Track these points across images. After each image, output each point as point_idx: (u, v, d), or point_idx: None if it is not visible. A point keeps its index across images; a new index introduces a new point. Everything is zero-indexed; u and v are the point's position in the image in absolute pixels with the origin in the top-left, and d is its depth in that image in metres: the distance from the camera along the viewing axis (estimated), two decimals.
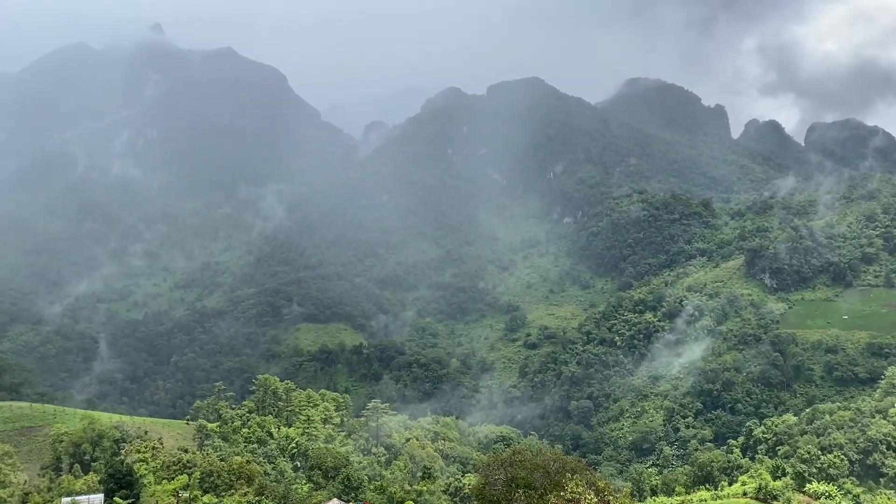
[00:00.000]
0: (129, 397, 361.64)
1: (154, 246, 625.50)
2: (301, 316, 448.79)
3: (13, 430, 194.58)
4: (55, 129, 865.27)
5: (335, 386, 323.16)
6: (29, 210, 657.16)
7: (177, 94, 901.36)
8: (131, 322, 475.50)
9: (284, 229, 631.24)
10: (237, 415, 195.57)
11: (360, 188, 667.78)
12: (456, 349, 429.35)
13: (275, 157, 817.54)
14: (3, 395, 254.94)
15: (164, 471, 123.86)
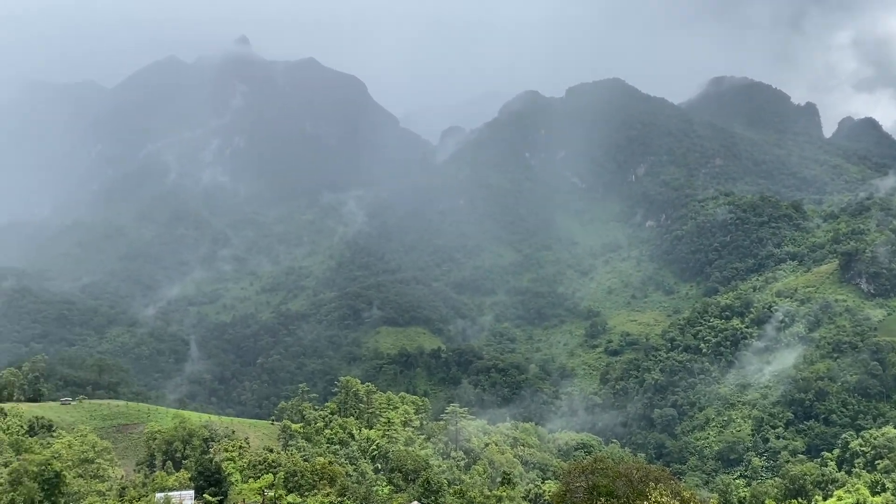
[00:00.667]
0: (217, 397, 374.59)
1: (242, 251, 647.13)
2: (381, 319, 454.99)
3: (111, 427, 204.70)
4: (149, 140, 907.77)
5: (414, 389, 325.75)
6: (124, 217, 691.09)
7: (262, 104, 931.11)
8: (220, 324, 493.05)
9: (364, 235, 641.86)
10: (320, 416, 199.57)
11: (437, 193, 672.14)
12: (534, 355, 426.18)
13: (355, 164, 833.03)
14: (101, 393, 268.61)
15: (251, 470, 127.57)
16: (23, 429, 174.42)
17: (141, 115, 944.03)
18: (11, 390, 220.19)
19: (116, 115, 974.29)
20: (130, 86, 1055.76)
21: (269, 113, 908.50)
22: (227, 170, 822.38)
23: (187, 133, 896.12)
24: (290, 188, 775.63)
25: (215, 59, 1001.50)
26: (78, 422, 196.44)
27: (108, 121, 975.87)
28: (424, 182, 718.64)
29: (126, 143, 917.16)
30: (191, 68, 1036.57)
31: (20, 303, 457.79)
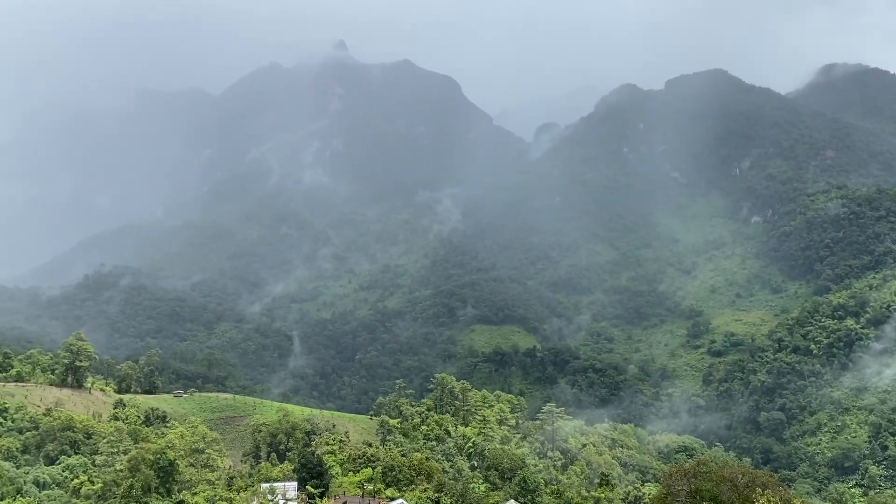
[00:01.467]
0: (318, 392, 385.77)
1: (341, 250, 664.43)
2: (475, 317, 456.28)
3: (220, 418, 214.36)
4: (253, 144, 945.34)
5: (509, 388, 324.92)
6: (231, 218, 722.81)
7: (358, 106, 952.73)
8: (321, 321, 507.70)
9: (458, 233, 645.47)
10: (417, 412, 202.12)
11: (531, 190, 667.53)
12: (633, 355, 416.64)
13: (449, 163, 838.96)
14: (211, 386, 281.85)
15: (350, 463, 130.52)
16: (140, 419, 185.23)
17: (245, 120, 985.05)
18: (129, 382, 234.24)
19: (222, 121, 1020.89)
20: (235, 92, 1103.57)
21: (366, 115, 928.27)
22: (327, 171, 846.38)
23: (288, 136, 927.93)
24: (386, 188, 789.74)
25: (314, 63, 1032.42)
26: (189, 413, 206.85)
27: (214, 127, 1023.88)
28: (518, 179, 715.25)
29: (232, 147, 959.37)
30: (291, 73, 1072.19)
31: (136, 300, 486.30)
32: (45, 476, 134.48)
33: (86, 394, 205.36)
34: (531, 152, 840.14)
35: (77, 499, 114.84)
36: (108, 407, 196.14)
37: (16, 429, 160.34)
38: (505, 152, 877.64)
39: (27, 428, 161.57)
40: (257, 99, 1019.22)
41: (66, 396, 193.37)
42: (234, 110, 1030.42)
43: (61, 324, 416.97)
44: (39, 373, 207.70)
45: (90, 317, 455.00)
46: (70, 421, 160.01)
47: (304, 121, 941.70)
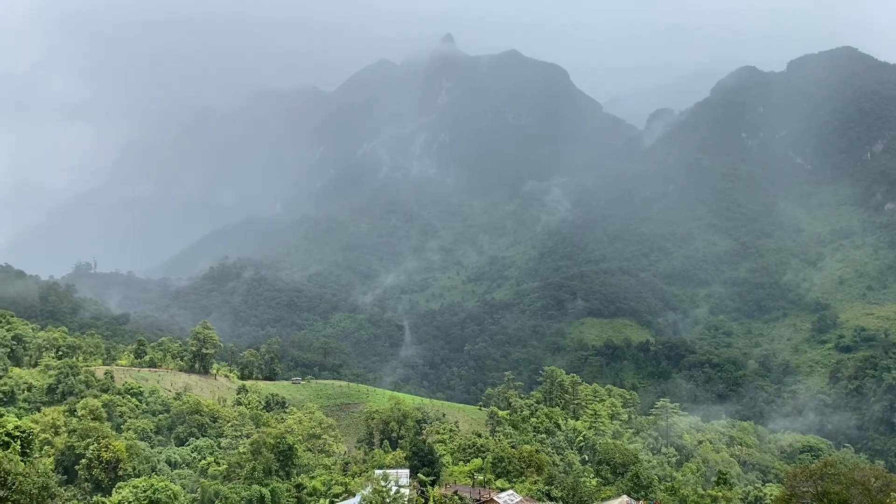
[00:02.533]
0: (428, 381, 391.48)
1: (448, 242, 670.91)
2: (585, 310, 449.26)
3: (335, 405, 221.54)
4: (364, 139, 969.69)
5: (621, 382, 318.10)
6: (344, 212, 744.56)
7: (466, 99, 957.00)
8: (429, 312, 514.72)
9: (567, 224, 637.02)
10: (526, 404, 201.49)
11: (643, 179, 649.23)
12: (753, 350, 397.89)
13: (557, 153, 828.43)
14: (326, 374, 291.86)
15: (460, 453, 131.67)
16: (261, 404, 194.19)
17: (356, 116, 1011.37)
18: (251, 369, 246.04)
19: (335, 118, 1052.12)
20: (347, 89, 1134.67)
21: (473, 107, 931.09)
22: (434, 164, 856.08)
23: (397, 131, 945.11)
24: (493, 179, 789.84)
25: (422, 58, 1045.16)
26: (306, 399, 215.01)
27: (328, 123, 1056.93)
28: (630, 168, 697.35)
29: (344, 143, 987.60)
30: (400, 69, 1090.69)
31: (257, 290, 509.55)
32: (176, 456, 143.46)
33: (211, 379, 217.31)
34: (643, 140, 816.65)
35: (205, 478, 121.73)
36: (231, 392, 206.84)
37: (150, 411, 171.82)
38: (615, 140, 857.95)
39: (160, 411, 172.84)
40: (367, 95, 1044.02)
41: (193, 381, 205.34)
42: (345, 107, 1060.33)
43: (189, 313, 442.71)
44: (170, 359, 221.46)
45: (215, 306, 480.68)
46: (198, 405, 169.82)
47: (413, 115, 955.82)
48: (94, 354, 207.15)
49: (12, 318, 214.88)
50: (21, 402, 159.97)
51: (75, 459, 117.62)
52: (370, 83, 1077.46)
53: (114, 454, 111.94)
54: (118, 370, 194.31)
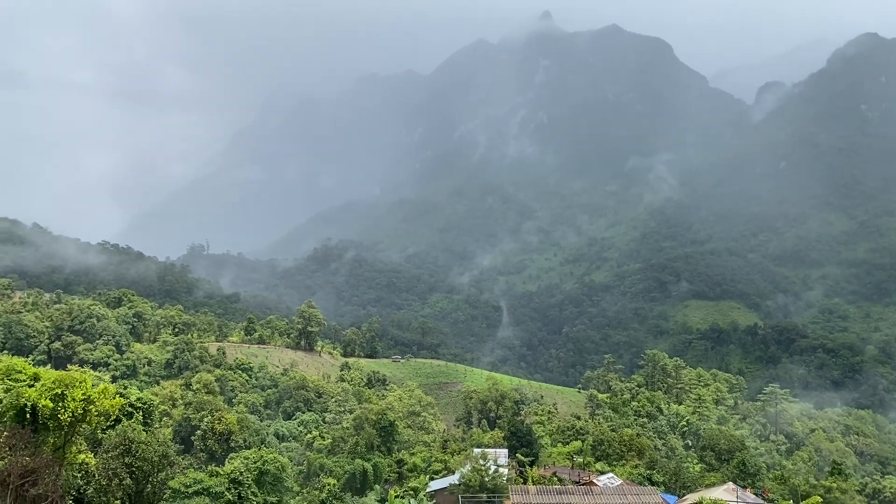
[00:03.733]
0: (525, 363, 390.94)
1: (546, 223, 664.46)
2: (689, 292, 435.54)
3: (433, 384, 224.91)
4: (461, 120, 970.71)
5: (727, 367, 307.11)
6: (441, 194, 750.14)
7: (565, 76, 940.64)
8: (526, 293, 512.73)
9: (672, 203, 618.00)
10: (626, 387, 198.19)
11: (753, 155, 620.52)
12: (872, 335, 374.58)
13: (661, 130, 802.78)
14: (425, 353, 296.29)
15: (559, 434, 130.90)
16: (363, 381, 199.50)
17: (453, 98, 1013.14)
18: (353, 347, 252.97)
19: (433, 100, 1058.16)
20: (444, 71, 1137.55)
21: (572, 84, 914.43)
22: (532, 143, 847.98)
23: (494, 111, 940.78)
24: (592, 158, 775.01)
25: (519, 36, 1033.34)
26: (406, 377, 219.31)
27: (425, 106, 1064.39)
28: (738, 144, 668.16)
29: (441, 125, 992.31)
30: (496, 48, 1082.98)
31: (358, 271, 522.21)
32: (284, 429, 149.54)
33: (316, 356, 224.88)
34: (752, 114, 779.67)
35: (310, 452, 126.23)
36: (335, 369, 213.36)
37: (259, 386, 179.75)
38: (722, 115, 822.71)
39: (268, 385, 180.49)
40: (464, 76, 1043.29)
41: (299, 358, 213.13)
42: (442, 89, 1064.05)
43: (295, 292, 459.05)
44: (277, 336, 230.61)
45: (319, 286, 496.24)
46: (304, 381, 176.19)
47: (510, 94, 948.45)
48: (208, 331, 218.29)
49: (133, 296, 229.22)
50: (142, 376, 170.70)
51: (191, 430, 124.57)
52: (467, 64, 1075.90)
53: (226, 426, 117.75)
54: (229, 346, 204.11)
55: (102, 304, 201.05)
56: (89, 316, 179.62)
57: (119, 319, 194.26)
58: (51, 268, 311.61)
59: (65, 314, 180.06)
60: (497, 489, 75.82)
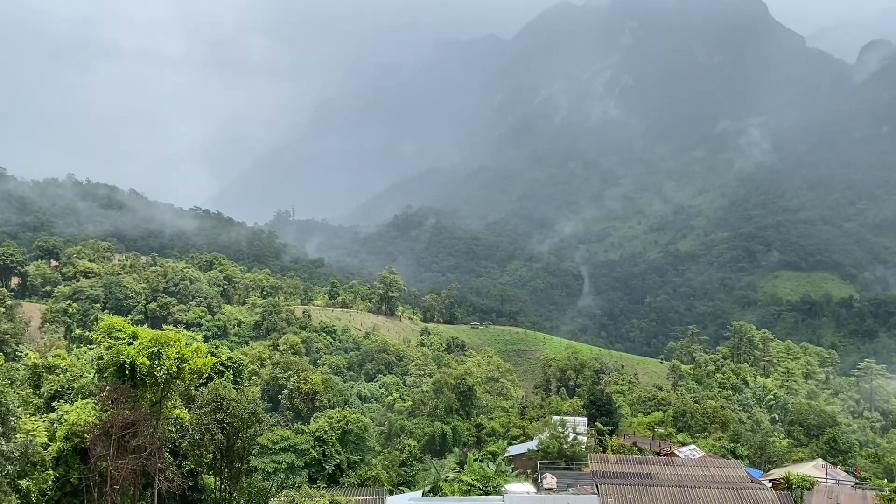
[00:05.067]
0: (606, 332, 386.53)
1: (629, 190, 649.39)
2: (779, 263, 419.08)
3: (511, 351, 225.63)
4: (542, 86, 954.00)
5: (818, 340, 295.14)
6: (520, 160, 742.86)
7: (651, 38, 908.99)
8: (608, 262, 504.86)
9: (763, 169, 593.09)
10: (711, 359, 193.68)
11: (853, 119, 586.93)
12: None
13: (753, 92, 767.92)
14: (503, 320, 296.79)
15: (640, 405, 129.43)
16: (442, 346, 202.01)
17: (535, 62, 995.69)
18: (433, 312, 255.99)
19: (514, 65, 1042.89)
20: (525, 35, 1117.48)
21: (659, 46, 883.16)
22: (617, 108, 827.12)
23: (576, 75, 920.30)
24: (680, 123, 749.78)
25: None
26: (484, 344, 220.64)
27: (507, 71, 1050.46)
28: (837, 107, 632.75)
29: (523, 90, 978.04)
30: (580, 10, 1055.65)
31: (438, 238, 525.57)
32: (366, 391, 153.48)
33: (396, 321, 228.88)
34: (854, 76, 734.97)
35: (391, 413, 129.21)
36: (415, 334, 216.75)
37: (342, 348, 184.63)
38: (820, 77, 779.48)
39: (351, 348, 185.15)
40: (547, 40, 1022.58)
41: (380, 322, 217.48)
42: (524, 54, 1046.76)
43: (376, 258, 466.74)
44: (359, 301, 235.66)
45: (400, 252, 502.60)
46: (385, 344, 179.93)
47: (593, 58, 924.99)
48: (294, 295, 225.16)
49: (224, 260, 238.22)
50: (232, 336, 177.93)
51: (278, 389, 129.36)
52: (549, 27, 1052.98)
53: (311, 386, 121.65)
54: (314, 309, 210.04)
55: (195, 268, 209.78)
56: (183, 278, 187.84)
57: (210, 282, 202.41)
58: (147, 232, 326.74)
59: (160, 276, 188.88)
60: (576, 456, 75.72)
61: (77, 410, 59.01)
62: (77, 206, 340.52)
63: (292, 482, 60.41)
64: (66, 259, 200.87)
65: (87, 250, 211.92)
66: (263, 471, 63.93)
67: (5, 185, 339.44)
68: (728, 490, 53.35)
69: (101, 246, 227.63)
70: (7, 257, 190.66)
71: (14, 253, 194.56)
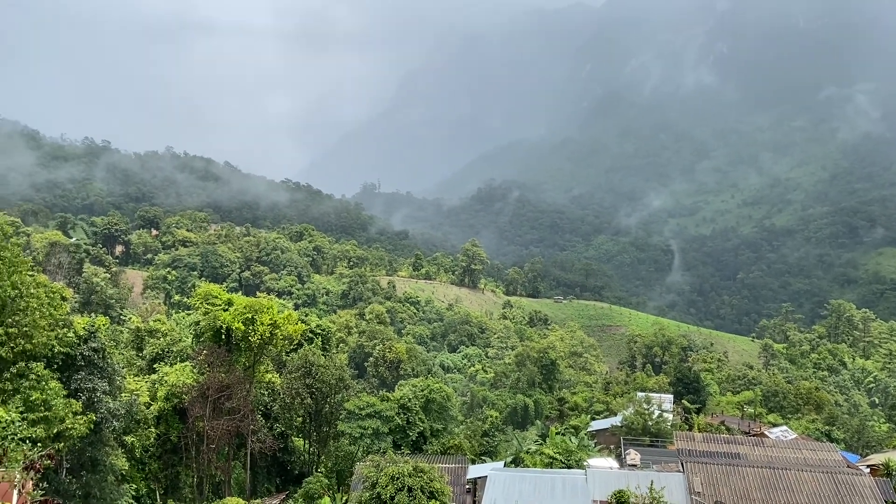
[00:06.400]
0: (695, 309, 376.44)
1: (723, 162, 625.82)
2: (884, 239, 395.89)
3: (596, 326, 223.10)
4: (632, 55, 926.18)
5: None
6: (608, 132, 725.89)
7: (748, 3, 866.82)
8: (699, 237, 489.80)
9: (871, 139, 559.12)
10: (805, 338, 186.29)
11: None
12: None
13: (860, 58, 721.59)
14: (587, 295, 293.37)
15: (729, 383, 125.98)
16: (524, 319, 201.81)
17: (625, 30, 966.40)
18: (515, 286, 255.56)
19: (602, 34, 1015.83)
20: (614, 2, 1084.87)
21: (757, 11, 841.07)
22: (710, 77, 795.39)
23: (669, 44, 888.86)
24: (779, 91, 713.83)
25: None
26: (568, 318, 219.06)
27: (595, 40, 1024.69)
28: None
29: (611, 60, 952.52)
30: None
31: (521, 211, 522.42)
32: (449, 361, 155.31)
33: (479, 293, 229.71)
34: None
35: (473, 384, 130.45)
36: (497, 306, 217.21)
37: (426, 319, 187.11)
38: None
39: (434, 319, 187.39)
40: (637, 7, 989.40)
41: (463, 294, 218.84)
42: (613, 21, 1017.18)
43: (459, 231, 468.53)
44: (442, 273, 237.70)
45: (483, 225, 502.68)
46: (467, 316, 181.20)
47: (687, 24, 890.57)
48: (379, 266, 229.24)
49: (313, 231, 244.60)
50: (320, 304, 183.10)
51: (364, 357, 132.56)
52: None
53: (396, 355, 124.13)
54: (399, 280, 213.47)
55: (286, 238, 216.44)
56: (274, 248, 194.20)
57: (300, 252, 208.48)
58: (241, 203, 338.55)
59: (253, 246, 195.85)
60: (661, 434, 74.62)
61: (176, 372, 62.31)
62: (176, 178, 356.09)
63: (377, 448, 61.98)
64: (166, 228, 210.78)
65: (186, 220, 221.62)
66: (350, 435, 65.84)
67: (110, 158, 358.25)
68: (822, 474, 51.30)
69: (198, 216, 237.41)
70: (112, 226, 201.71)
71: (118, 222, 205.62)
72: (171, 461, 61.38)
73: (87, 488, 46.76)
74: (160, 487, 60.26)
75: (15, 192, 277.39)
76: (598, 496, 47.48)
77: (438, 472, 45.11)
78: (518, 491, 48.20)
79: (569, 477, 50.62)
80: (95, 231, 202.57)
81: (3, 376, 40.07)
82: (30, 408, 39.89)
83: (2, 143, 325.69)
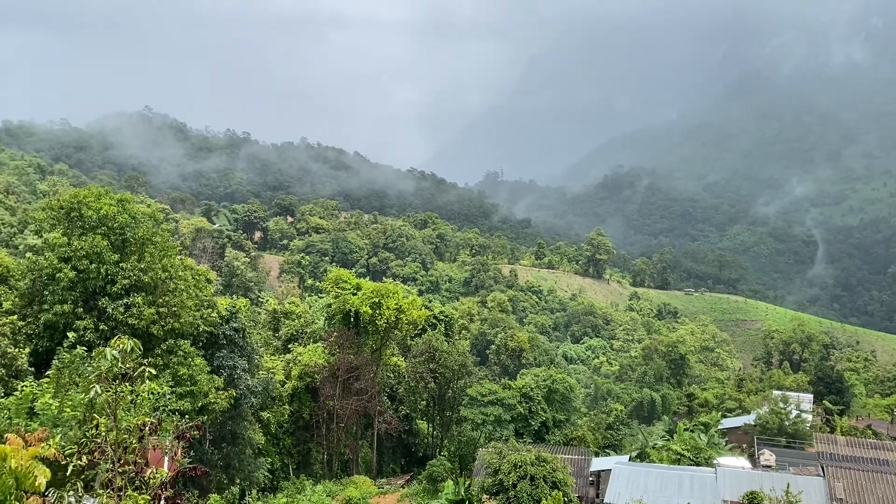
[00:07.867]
0: (839, 304, 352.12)
1: (875, 147, 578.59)
2: None
3: (729, 320, 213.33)
4: (773, 32, 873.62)
5: None
6: (746, 116, 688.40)
7: None
8: (845, 227, 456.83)
9: None
10: None
11: None
12: None
13: None
14: (721, 288, 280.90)
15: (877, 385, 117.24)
16: (652, 312, 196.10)
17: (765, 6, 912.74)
18: (643, 277, 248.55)
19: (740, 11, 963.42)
20: None
21: None
22: (861, 55, 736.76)
23: (815, 19, 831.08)
24: None
25: None
26: (699, 312, 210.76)
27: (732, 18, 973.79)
28: None
29: (749, 39, 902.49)
30: None
31: (651, 199, 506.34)
32: (572, 352, 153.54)
33: (604, 284, 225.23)
34: None
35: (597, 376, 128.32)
36: (623, 298, 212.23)
37: (548, 308, 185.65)
38: None
39: (557, 309, 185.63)
40: None
41: (587, 284, 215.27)
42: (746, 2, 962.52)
43: (583, 219, 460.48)
44: (566, 262, 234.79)
45: (608, 213, 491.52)
46: (591, 307, 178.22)
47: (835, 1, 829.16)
48: (501, 254, 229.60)
49: (437, 219, 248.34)
50: (443, 291, 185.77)
51: (486, 345, 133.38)
52: None
53: (518, 344, 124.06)
54: (521, 269, 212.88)
55: (411, 226, 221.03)
56: (400, 235, 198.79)
57: (424, 240, 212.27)
58: (370, 191, 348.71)
59: (380, 233, 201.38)
60: (798, 435, 70.59)
61: (309, 353, 65.28)
62: (310, 168, 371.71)
63: (499, 435, 62.28)
64: (300, 216, 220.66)
65: (318, 208, 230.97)
66: (472, 421, 66.57)
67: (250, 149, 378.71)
68: None
69: (330, 204, 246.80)
70: (251, 214, 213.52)
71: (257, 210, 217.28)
72: (303, 438, 64.41)
73: (228, 459, 49.95)
74: (293, 462, 63.41)
75: (165, 180, 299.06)
76: (728, 496, 45.62)
77: (561, 462, 44.78)
78: (643, 486, 47.10)
79: (697, 474, 48.92)
80: (236, 218, 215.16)
81: (155, 352, 43.39)
82: (178, 382, 43.03)
83: (155, 136, 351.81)
